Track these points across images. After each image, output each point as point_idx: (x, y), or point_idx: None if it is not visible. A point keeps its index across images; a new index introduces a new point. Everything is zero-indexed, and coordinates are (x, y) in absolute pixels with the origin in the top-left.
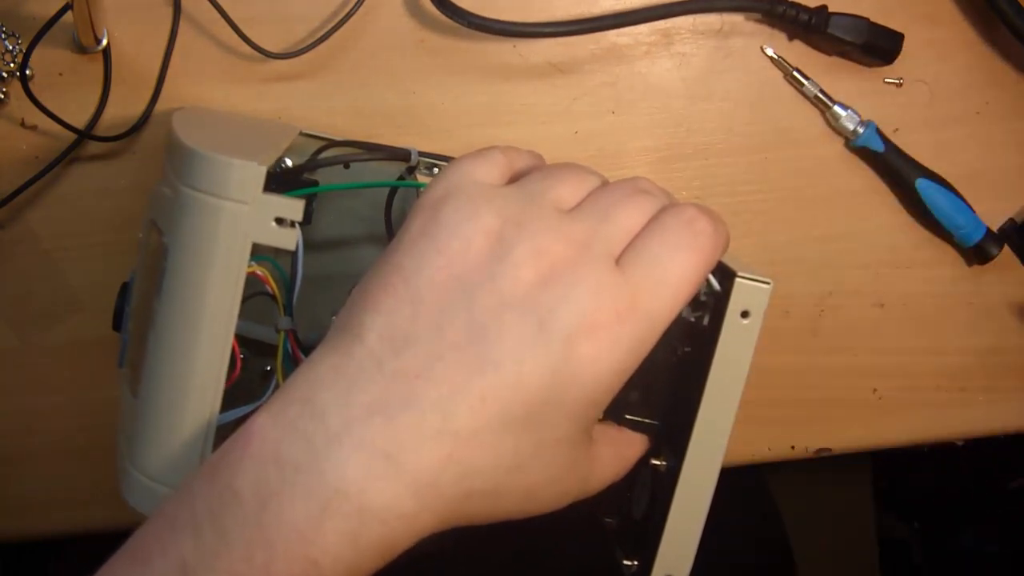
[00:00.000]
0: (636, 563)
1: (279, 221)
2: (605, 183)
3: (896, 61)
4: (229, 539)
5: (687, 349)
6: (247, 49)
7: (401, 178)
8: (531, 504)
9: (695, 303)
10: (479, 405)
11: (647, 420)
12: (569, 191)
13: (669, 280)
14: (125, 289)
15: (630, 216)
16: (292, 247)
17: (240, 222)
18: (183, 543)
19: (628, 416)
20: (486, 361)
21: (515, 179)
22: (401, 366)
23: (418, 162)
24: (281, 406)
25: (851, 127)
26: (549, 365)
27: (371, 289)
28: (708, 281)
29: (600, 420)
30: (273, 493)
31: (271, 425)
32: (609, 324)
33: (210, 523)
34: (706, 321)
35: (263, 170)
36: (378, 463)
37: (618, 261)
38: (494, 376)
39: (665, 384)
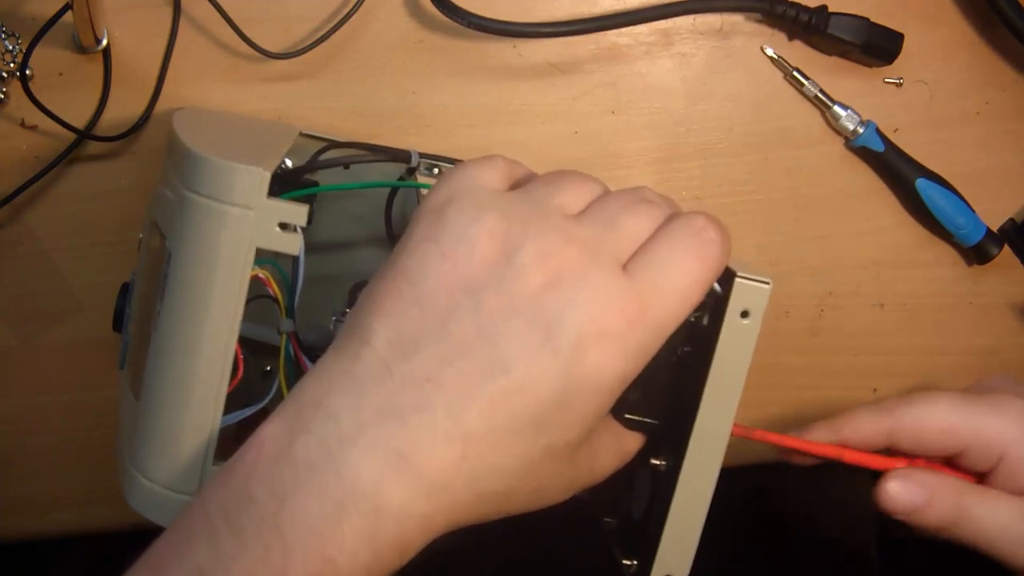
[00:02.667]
0: (636, 563)
1: (283, 226)
2: (607, 191)
3: (896, 61)
4: (245, 541)
5: (687, 349)
6: (247, 49)
7: (401, 179)
8: (539, 500)
9: None
10: (489, 409)
11: (647, 419)
12: (573, 197)
13: (677, 287)
14: (125, 289)
15: (636, 224)
16: (295, 252)
17: (244, 227)
18: (199, 549)
19: (628, 415)
20: (495, 366)
21: (516, 188)
22: (410, 369)
23: (418, 163)
24: (293, 410)
25: (851, 127)
26: (558, 371)
27: (377, 293)
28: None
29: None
30: (289, 494)
31: (284, 429)
32: (617, 331)
33: (226, 527)
34: (706, 321)
35: (267, 175)
36: (392, 464)
37: (625, 267)
38: (504, 381)
39: (665, 384)
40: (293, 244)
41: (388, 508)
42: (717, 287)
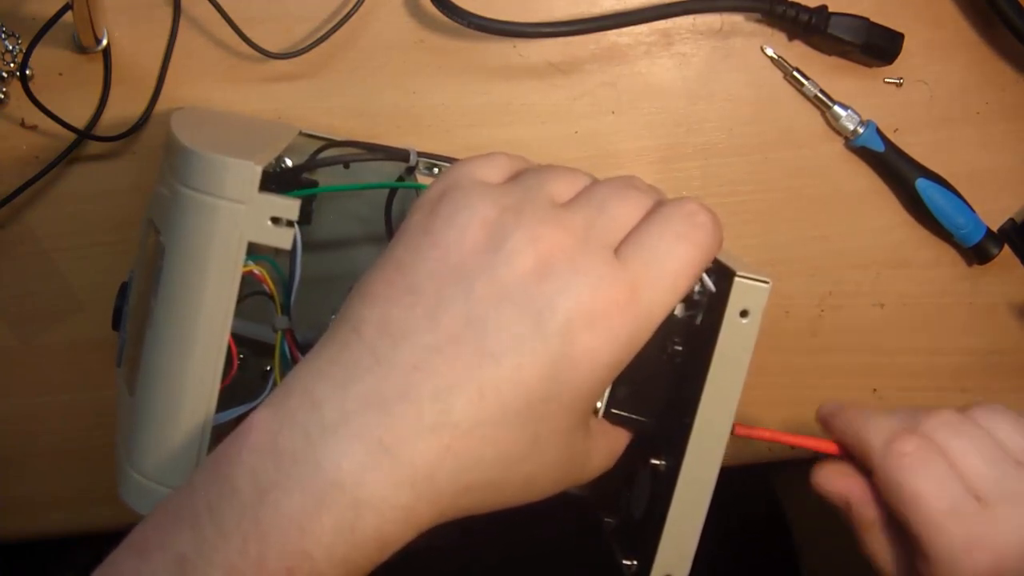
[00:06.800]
0: (636, 563)
1: (275, 220)
2: (596, 180)
3: (896, 61)
4: (226, 532)
5: (678, 348)
6: (247, 49)
7: (400, 178)
8: (528, 493)
9: (688, 301)
10: (478, 398)
11: (634, 416)
12: (564, 186)
13: (668, 272)
14: (124, 289)
15: (625, 209)
16: (288, 246)
17: (236, 221)
18: (182, 536)
19: (615, 411)
20: (485, 354)
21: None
22: (398, 358)
23: (417, 162)
24: (281, 398)
25: (851, 127)
26: (548, 358)
27: (369, 282)
28: (702, 280)
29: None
30: (270, 485)
31: (271, 417)
32: (607, 316)
33: (208, 516)
34: (699, 321)
35: (259, 170)
36: (374, 454)
37: (616, 252)
38: (493, 369)
39: (655, 381)
40: (286, 239)
41: (368, 500)
42: (711, 286)
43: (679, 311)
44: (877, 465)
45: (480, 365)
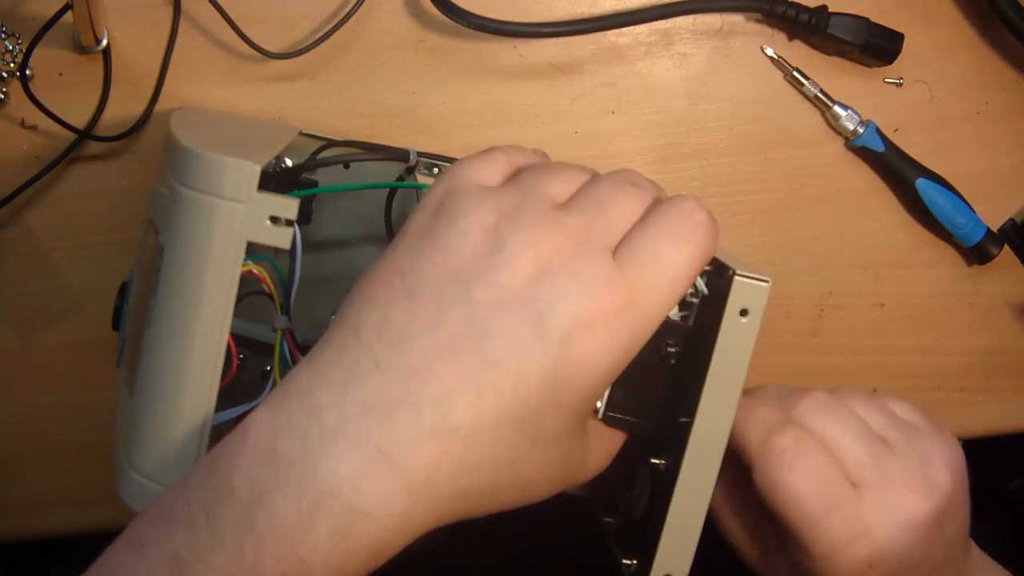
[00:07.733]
0: (635, 563)
1: (274, 220)
2: (595, 176)
3: (896, 61)
4: (222, 535)
5: (671, 349)
6: (247, 49)
7: (400, 178)
8: (526, 495)
9: (681, 303)
10: (477, 402)
11: (628, 418)
12: (562, 186)
13: (666, 274)
14: (124, 289)
15: (624, 208)
16: (287, 246)
17: (234, 220)
18: (178, 536)
19: (610, 413)
20: (484, 359)
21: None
22: (398, 361)
23: (417, 162)
24: (280, 400)
25: (851, 127)
26: (547, 362)
27: (368, 284)
28: (694, 281)
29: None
30: (267, 490)
31: (269, 420)
32: (606, 320)
33: (204, 517)
34: (691, 322)
35: (257, 169)
36: (372, 460)
37: (615, 253)
38: (493, 374)
39: (650, 384)
40: (285, 238)
41: (364, 508)
42: (704, 287)
43: (673, 313)
44: (754, 462)
45: (480, 369)
